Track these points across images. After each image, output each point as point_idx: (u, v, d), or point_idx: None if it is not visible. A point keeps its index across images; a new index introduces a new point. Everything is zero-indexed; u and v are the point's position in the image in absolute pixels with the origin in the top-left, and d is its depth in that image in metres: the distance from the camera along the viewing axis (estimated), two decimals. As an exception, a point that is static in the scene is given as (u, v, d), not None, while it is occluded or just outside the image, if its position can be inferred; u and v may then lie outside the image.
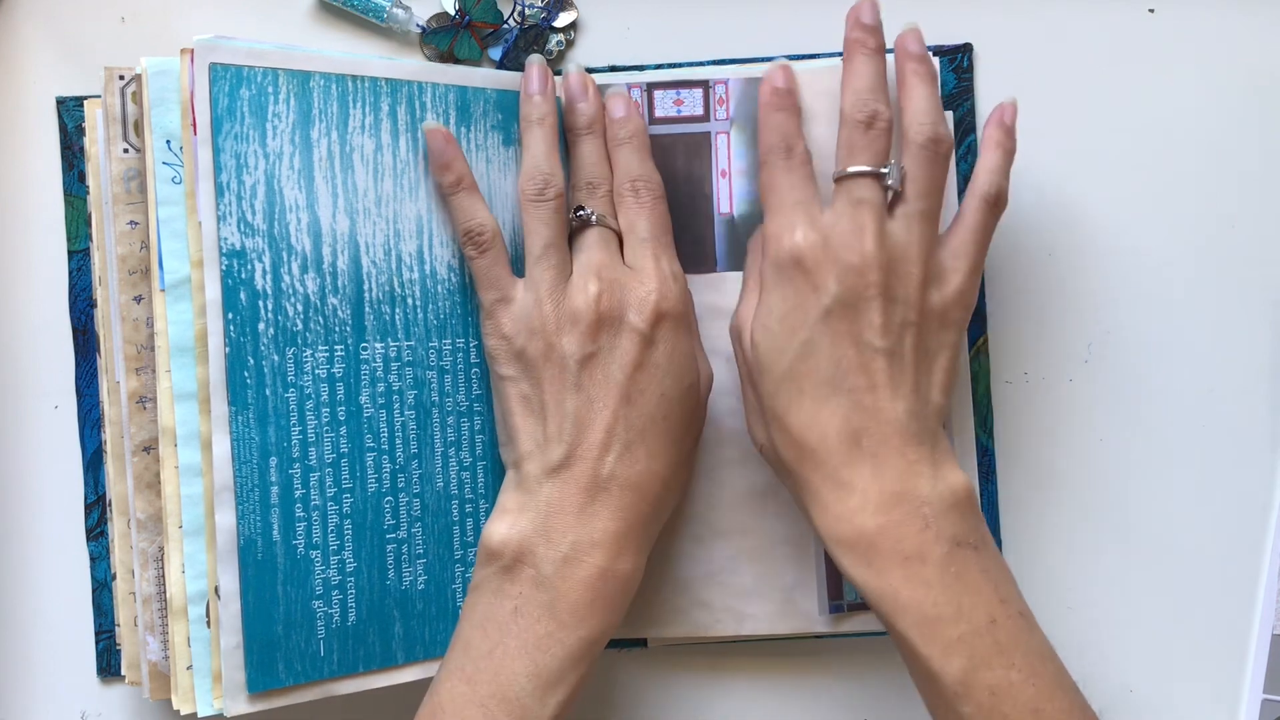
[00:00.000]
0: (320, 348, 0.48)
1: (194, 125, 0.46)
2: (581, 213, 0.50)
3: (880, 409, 0.45)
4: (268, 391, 0.47)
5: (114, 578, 0.51)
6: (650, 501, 0.48)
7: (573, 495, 0.47)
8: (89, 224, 0.53)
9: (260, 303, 0.47)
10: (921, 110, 0.48)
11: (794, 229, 0.47)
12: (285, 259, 0.48)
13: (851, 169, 0.47)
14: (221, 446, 0.47)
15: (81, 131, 0.54)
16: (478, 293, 0.50)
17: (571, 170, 0.51)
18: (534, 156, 0.50)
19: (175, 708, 0.48)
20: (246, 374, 0.47)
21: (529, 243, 0.49)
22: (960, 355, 0.48)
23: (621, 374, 0.48)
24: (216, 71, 0.47)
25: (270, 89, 0.47)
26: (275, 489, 0.48)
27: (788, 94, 0.50)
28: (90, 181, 0.52)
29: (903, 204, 0.47)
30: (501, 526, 0.47)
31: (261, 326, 0.47)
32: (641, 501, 0.48)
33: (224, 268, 0.47)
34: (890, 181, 0.47)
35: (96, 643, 0.55)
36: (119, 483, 0.50)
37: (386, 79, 0.49)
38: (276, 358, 0.48)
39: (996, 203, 0.48)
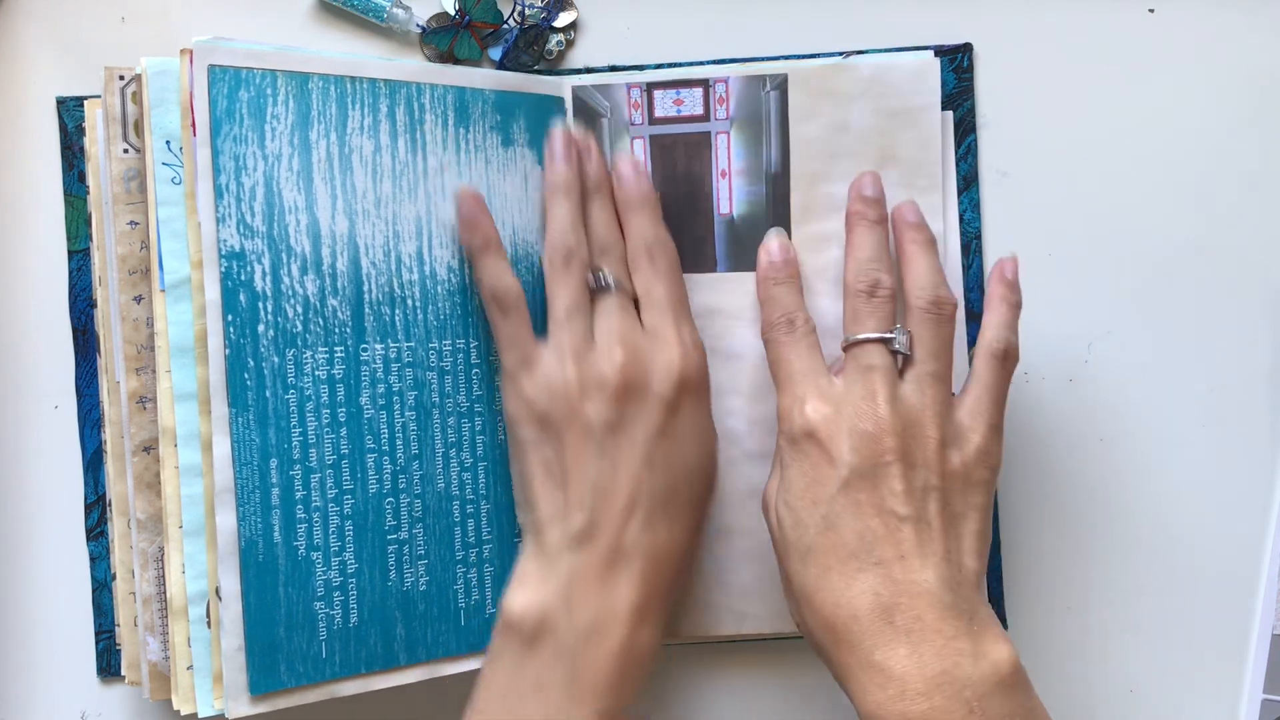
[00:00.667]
0: (320, 349, 0.48)
1: (193, 127, 0.46)
2: (600, 277, 0.50)
3: (911, 581, 0.44)
4: (268, 393, 0.47)
5: (114, 578, 0.51)
6: (672, 568, 0.48)
7: (595, 565, 0.46)
8: (89, 224, 0.53)
9: (260, 304, 0.47)
10: (922, 275, 0.48)
11: (804, 402, 0.47)
12: (285, 260, 0.48)
13: (859, 336, 0.47)
14: (222, 448, 0.47)
15: (81, 131, 0.54)
16: (500, 355, 0.49)
17: None
18: (560, 228, 0.50)
19: (175, 708, 0.48)
20: (246, 375, 0.47)
21: (552, 307, 0.49)
22: (990, 518, 0.47)
23: (646, 442, 0.47)
24: (215, 73, 0.47)
25: (269, 90, 0.47)
26: (276, 490, 0.48)
27: (784, 265, 0.50)
28: (90, 181, 0.52)
29: (913, 367, 0.47)
30: (522, 596, 0.47)
31: (261, 328, 0.47)
32: (664, 569, 0.47)
33: (223, 269, 0.47)
34: (897, 345, 0.47)
35: (96, 643, 0.55)
36: (119, 483, 0.50)
37: (385, 80, 0.49)
38: (276, 359, 0.48)
39: (1006, 357, 0.48)
